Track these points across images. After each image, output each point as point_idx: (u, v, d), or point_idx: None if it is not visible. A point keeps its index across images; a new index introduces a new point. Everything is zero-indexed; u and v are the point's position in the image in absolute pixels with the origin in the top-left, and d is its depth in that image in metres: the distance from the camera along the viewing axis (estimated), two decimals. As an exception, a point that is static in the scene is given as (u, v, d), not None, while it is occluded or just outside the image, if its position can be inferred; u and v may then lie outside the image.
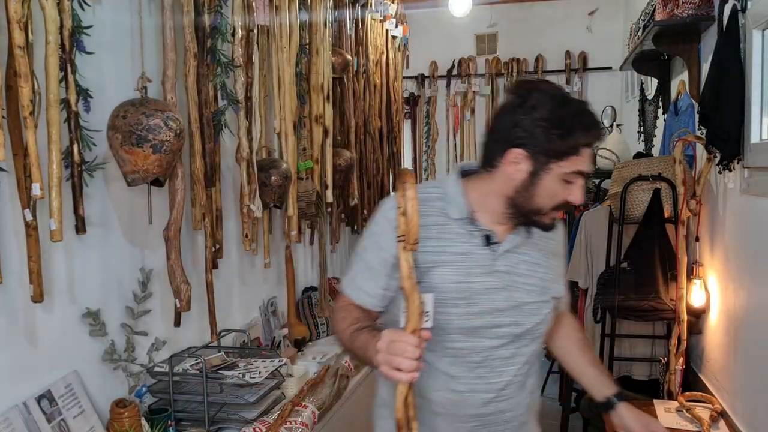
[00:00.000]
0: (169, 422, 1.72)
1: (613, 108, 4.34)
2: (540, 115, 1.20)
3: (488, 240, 1.28)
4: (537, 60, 5.12)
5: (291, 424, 1.83)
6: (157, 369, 1.81)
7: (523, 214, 1.28)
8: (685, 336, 2.59)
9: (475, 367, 1.28)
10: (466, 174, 1.33)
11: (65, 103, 1.43)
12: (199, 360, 1.82)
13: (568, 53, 5.05)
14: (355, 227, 3.67)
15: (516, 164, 1.23)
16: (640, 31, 2.98)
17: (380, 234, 1.27)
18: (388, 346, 1.06)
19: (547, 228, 1.31)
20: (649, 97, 3.78)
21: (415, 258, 1.15)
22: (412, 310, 1.06)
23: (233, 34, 2.02)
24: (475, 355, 1.28)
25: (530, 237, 1.33)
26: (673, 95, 3.12)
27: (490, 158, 1.26)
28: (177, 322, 1.82)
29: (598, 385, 1.45)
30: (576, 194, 1.25)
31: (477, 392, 1.29)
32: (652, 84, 3.80)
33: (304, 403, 1.96)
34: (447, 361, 1.28)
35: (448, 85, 5.35)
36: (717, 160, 2.24)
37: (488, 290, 1.26)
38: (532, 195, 1.25)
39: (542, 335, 1.36)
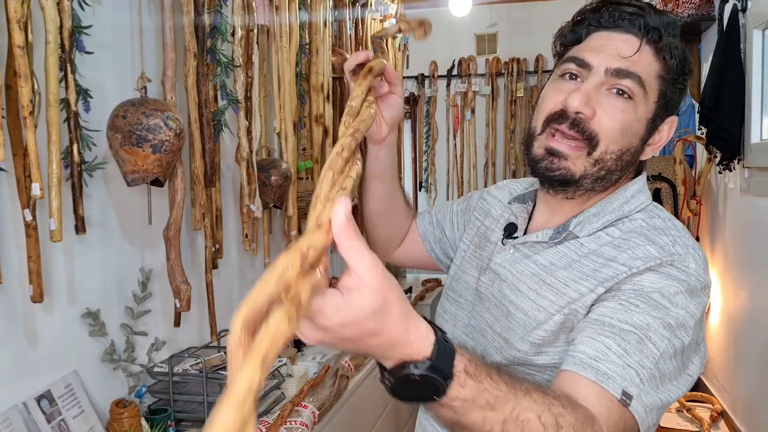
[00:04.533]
0: (169, 422, 1.72)
1: (613, 108, 4.34)
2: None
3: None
4: (537, 60, 5.12)
5: (291, 424, 1.83)
6: (156, 369, 1.81)
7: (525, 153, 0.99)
8: (685, 336, 2.59)
9: None
10: None
11: (65, 102, 1.43)
12: (198, 360, 1.82)
13: (568, 53, 5.05)
14: (355, 227, 3.66)
15: None
16: (640, 31, 2.98)
17: (464, 199, 1.26)
18: None
19: (538, 169, 0.93)
20: (649, 97, 3.77)
21: None
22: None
23: (233, 34, 2.02)
24: None
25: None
26: (673, 95, 3.12)
27: None
28: (177, 323, 1.82)
29: None
30: (573, 95, 0.88)
31: None
32: (652, 84, 3.79)
33: (304, 403, 1.96)
34: None
35: (448, 85, 5.34)
36: (717, 160, 2.25)
37: None
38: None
39: None
